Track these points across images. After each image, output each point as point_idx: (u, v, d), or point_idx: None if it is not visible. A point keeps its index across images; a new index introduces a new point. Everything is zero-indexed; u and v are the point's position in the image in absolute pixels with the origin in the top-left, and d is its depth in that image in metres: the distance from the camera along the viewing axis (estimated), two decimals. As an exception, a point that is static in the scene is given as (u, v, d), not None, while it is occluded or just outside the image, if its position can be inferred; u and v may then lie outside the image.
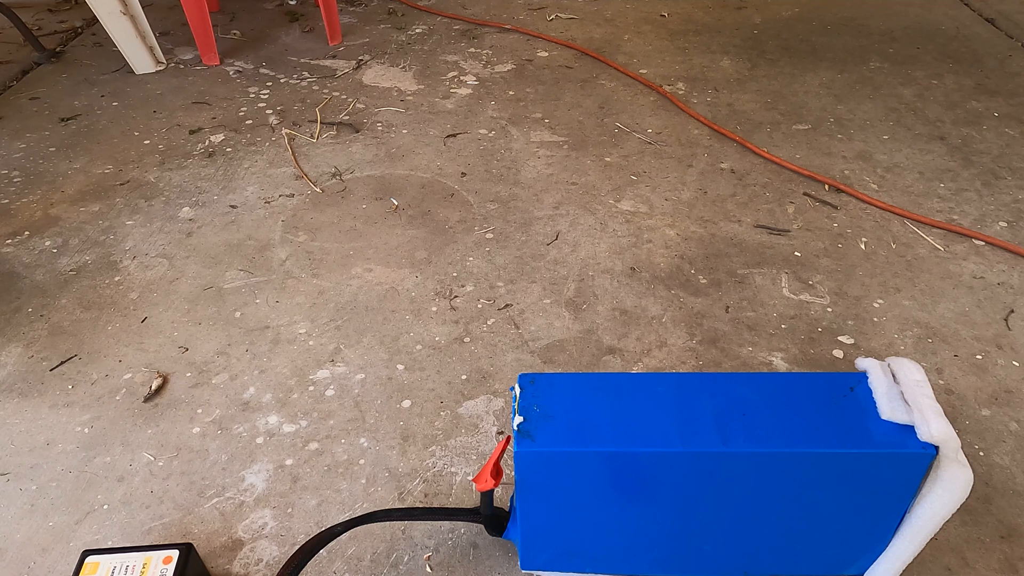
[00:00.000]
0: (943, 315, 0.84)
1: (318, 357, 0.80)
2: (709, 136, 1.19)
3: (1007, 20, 1.58)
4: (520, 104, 1.30)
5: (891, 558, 0.51)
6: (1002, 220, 0.99)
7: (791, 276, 0.90)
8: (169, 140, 1.21)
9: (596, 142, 1.18)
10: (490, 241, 0.97)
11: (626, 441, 0.46)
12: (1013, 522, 0.62)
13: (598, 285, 0.89)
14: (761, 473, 0.46)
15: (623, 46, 1.51)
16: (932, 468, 0.45)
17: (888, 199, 1.03)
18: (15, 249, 0.97)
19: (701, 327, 0.83)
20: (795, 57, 1.45)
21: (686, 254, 0.94)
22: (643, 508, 0.50)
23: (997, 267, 0.91)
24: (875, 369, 0.48)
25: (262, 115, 1.28)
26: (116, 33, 1.36)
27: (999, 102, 1.27)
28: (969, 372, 0.76)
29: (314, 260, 0.94)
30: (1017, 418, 0.71)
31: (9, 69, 1.45)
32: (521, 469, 0.47)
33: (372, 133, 1.22)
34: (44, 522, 0.64)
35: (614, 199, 1.05)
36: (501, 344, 0.81)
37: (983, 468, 0.66)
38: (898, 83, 1.34)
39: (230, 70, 1.44)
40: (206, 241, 0.98)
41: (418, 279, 0.90)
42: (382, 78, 1.40)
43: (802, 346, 0.80)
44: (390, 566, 0.60)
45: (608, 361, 0.79)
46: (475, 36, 1.56)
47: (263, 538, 0.62)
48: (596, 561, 0.55)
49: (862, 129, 1.21)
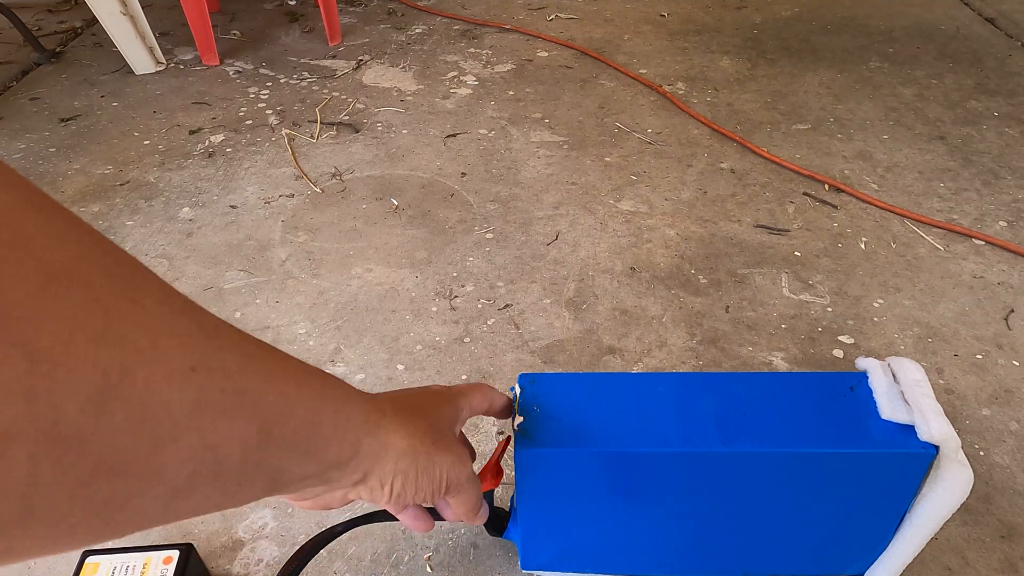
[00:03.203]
0: (943, 315, 0.84)
1: (318, 357, 0.80)
2: (709, 136, 1.19)
3: (1007, 20, 1.58)
4: (520, 104, 1.30)
5: (891, 558, 0.51)
6: (1002, 220, 0.99)
7: (791, 276, 0.90)
8: (169, 140, 1.21)
9: (596, 142, 1.18)
10: (490, 241, 0.97)
11: (626, 441, 0.46)
12: (1013, 521, 0.62)
13: (598, 285, 0.89)
14: (761, 473, 0.46)
15: (623, 46, 1.51)
16: (932, 468, 0.45)
17: (888, 199, 1.03)
18: (15, 249, 0.97)
19: (701, 327, 0.83)
20: (795, 57, 1.45)
21: (686, 254, 0.94)
22: (643, 508, 0.50)
23: (997, 267, 0.91)
24: (875, 369, 0.48)
25: (262, 115, 1.28)
26: (116, 33, 1.36)
27: (999, 102, 1.27)
28: (969, 372, 0.76)
29: (314, 260, 0.94)
30: (1017, 418, 0.71)
31: (9, 69, 1.45)
32: (521, 469, 0.47)
33: (372, 133, 1.22)
34: (44, 522, 0.64)
35: (614, 199, 1.05)
36: (501, 344, 0.81)
37: (983, 468, 0.66)
38: (898, 83, 1.34)
39: (230, 70, 1.44)
40: (206, 241, 0.98)
41: (418, 279, 0.90)
42: (382, 78, 1.40)
43: (802, 346, 0.80)
44: (390, 566, 0.60)
45: (608, 361, 0.79)
46: (475, 36, 1.56)
47: (263, 538, 0.62)
48: (596, 561, 0.55)
49: (862, 129, 1.21)
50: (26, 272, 0.18)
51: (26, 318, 0.17)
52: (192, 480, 0.22)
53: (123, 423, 0.19)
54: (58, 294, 0.18)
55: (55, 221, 0.20)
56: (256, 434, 0.25)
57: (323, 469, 0.30)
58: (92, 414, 0.19)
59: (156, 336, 0.21)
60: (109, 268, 0.21)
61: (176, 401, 0.21)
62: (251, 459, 0.25)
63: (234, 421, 0.23)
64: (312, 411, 0.27)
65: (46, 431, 0.17)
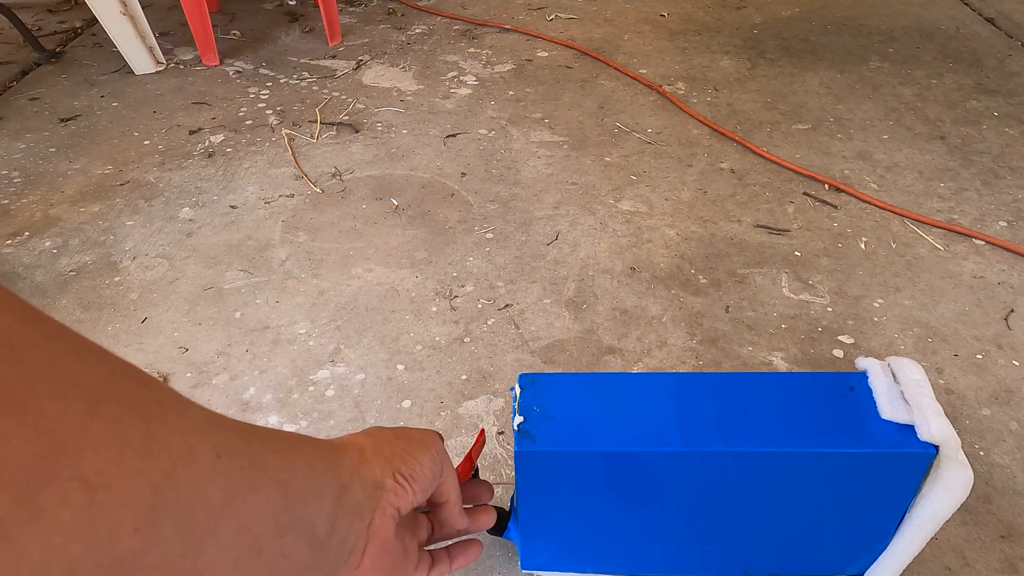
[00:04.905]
0: (943, 315, 0.84)
1: (318, 357, 0.80)
2: (709, 136, 1.19)
3: (1007, 20, 1.58)
4: (520, 104, 1.30)
5: (891, 558, 0.51)
6: (1002, 220, 0.99)
7: (791, 276, 0.90)
8: (169, 140, 1.21)
9: (596, 142, 1.18)
10: (490, 241, 0.97)
11: (626, 441, 0.46)
12: (1013, 521, 0.62)
13: (598, 285, 0.89)
14: (761, 473, 0.46)
15: (623, 46, 1.51)
16: (932, 468, 0.45)
17: (888, 199, 1.03)
18: (15, 250, 0.97)
19: (701, 327, 0.83)
20: (795, 57, 1.45)
21: (686, 254, 0.94)
22: (643, 508, 0.50)
23: (997, 267, 0.91)
24: (875, 369, 0.48)
25: (262, 115, 1.28)
26: (116, 33, 1.36)
27: (999, 102, 1.27)
28: (969, 372, 0.76)
29: (314, 260, 0.94)
30: (1017, 417, 0.71)
31: (9, 69, 1.45)
32: (521, 469, 0.47)
33: (372, 133, 1.22)
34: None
35: (614, 199, 1.05)
36: (501, 344, 0.81)
37: (983, 467, 0.66)
38: (898, 83, 1.34)
39: (230, 70, 1.44)
40: (206, 241, 0.98)
41: (418, 279, 0.90)
42: (382, 78, 1.40)
43: (802, 346, 0.80)
44: (390, 566, 0.60)
45: (608, 361, 0.79)
46: (475, 36, 1.56)
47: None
48: (596, 561, 0.55)
49: (862, 129, 1.21)
50: (72, 402, 0.18)
51: (80, 448, 0.18)
52: (237, 567, 0.23)
53: (172, 532, 0.20)
54: (104, 414, 0.19)
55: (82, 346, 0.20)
56: (279, 498, 0.26)
57: (337, 500, 0.31)
58: (145, 532, 0.19)
59: (186, 434, 0.22)
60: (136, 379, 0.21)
61: (212, 491, 0.22)
62: (283, 524, 0.26)
63: (260, 493, 0.25)
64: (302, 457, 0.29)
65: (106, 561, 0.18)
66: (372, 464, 0.35)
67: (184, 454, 0.21)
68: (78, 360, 0.19)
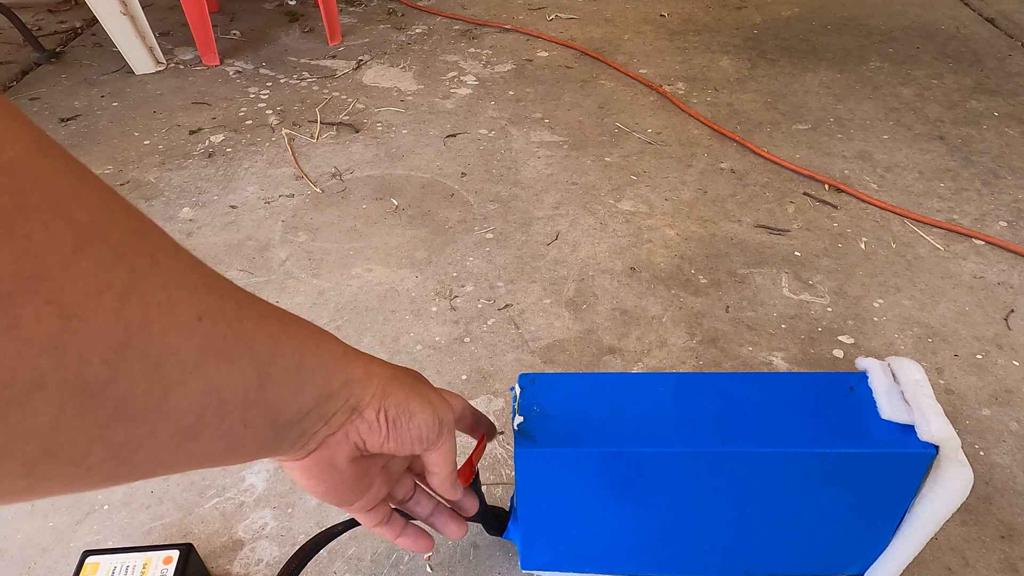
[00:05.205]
0: (943, 315, 0.84)
1: (318, 357, 0.80)
2: (709, 136, 1.19)
3: (1007, 20, 1.58)
4: (520, 104, 1.30)
5: (891, 558, 0.51)
6: (1002, 220, 0.99)
7: (791, 276, 0.90)
8: (169, 140, 1.21)
9: (596, 142, 1.18)
10: (490, 241, 0.97)
11: (626, 440, 0.46)
12: (1013, 521, 0.62)
13: (598, 285, 0.89)
14: (761, 473, 0.46)
15: (623, 46, 1.51)
16: (932, 468, 0.45)
17: (888, 199, 1.03)
18: (15, 249, 0.97)
19: (701, 327, 0.83)
20: (795, 57, 1.45)
21: (686, 254, 0.94)
22: (643, 508, 0.50)
23: (997, 267, 0.91)
24: (875, 369, 0.48)
25: (262, 115, 1.28)
26: (116, 33, 1.36)
27: (999, 102, 1.27)
28: (969, 372, 0.76)
29: (314, 260, 0.94)
30: (1017, 418, 0.71)
31: (9, 69, 1.45)
32: (521, 469, 0.47)
33: (372, 133, 1.22)
34: (44, 522, 0.64)
35: (614, 199, 1.05)
36: (501, 344, 0.81)
37: (983, 468, 0.66)
38: (898, 83, 1.34)
39: (230, 70, 1.44)
40: (206, 241, 0.98)
41: (418, 279, 0.90)
42: (382, 78, 1.40)
43: (802, 346, 0.80)
44: (390, 566, 0.60)
45: (608, 361, 0.79)
46: (475, 36, 1.56)
47: (263, 538, 0.62)
48: (596, 561, 0.55)
49: (862, 129, 1.21)
50: (60, 234, 0.19)
51: (60, 278, 0.19)
52: (200, 422, 0.25)
53: (139, 371, 0.21)
54: (89, 254, 0.20)
55: (87, 185, 0.21)
56: (255, 375, 0.27)
57: (316, 402, 0.32)
58: (113, 364, 0.20)
59: (170, 290, 0.23)
60: (133, 228, 0.22)
61: (185, 349, 0.23)
62: (251, 399, 0.27)
63: (234, 364, 0.26)
64: (297, 348, 0.30)
65: (72, 380, 0.19)
66: (368, 389, 0.35)
67: (163, 308, 0.22)
68: (77, 199, 0.20)
